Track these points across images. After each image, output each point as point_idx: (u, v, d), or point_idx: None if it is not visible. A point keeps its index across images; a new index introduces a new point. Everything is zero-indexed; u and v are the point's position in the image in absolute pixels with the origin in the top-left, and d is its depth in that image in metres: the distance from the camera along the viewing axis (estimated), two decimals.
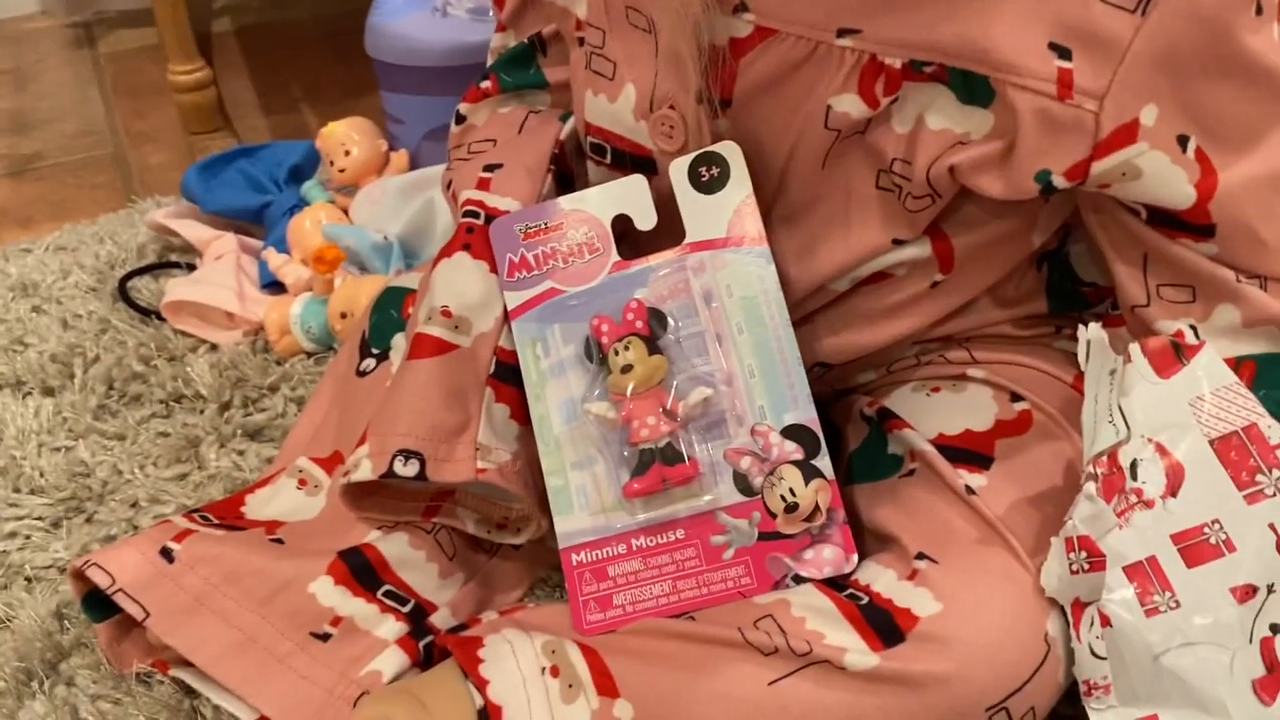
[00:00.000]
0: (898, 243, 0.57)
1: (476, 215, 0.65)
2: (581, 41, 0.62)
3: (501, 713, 0.51)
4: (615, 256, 0.57)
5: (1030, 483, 0.56)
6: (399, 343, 0.68)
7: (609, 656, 0.52)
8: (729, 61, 0.55)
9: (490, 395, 0.60)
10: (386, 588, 0.60)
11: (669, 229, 0.59)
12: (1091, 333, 0.53)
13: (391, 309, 0.70)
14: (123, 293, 0.92)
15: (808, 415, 0.54)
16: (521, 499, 0.59)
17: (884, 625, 0.52)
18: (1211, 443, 0.51)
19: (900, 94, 0.53)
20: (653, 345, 0.55)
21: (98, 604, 0.61)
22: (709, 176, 0.55)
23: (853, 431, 0.65)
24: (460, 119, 0.72)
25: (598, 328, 0.55)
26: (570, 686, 0.52)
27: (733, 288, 0.55)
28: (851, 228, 0.57)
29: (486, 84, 0.71)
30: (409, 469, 0.57)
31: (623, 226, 0.59)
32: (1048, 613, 0.52)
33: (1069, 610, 0.51)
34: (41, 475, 0.76)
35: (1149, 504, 0.50)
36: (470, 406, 0.60)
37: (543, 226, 0.57)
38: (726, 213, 0.56)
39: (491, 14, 0.89)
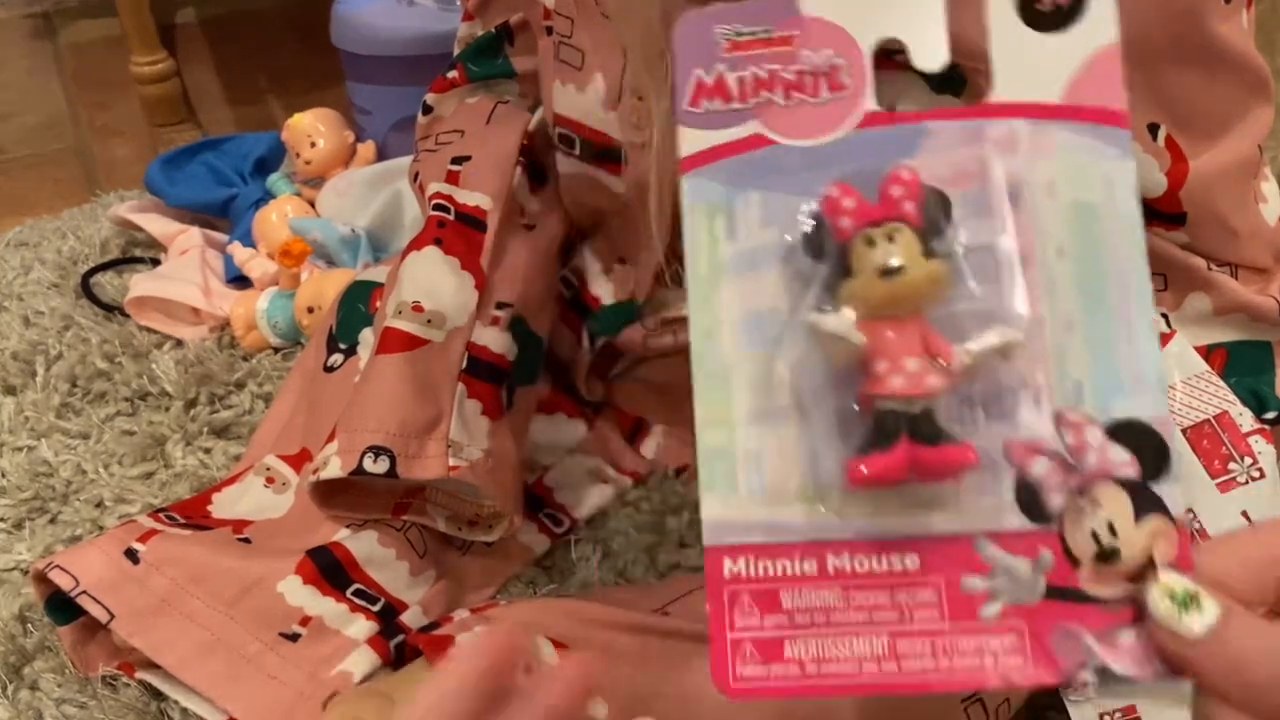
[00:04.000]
0: None
1: (446, 210, 0.64)
2: (550, 31, 0.62)
3: None
4: (872, 103, 0.33)
5: None
6: (367, 337, 0.68)
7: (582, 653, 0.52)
8: None
9: (462, 391, 0.60)
10: (356, 586, 0.59)
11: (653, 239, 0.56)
12: None
13: (359, 303, 0.70)
14: (86, 289, 0.91)
15: (1155, 408, 0.31)
16: (493, 496, 0.58)
17: None
18: (1184, 432, 0.51)
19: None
20: (929, 242, 0.31)
21: (62, 606, 0.60)
22: (1055, 5, 0.34)
23: None
24: (427, 109, 0.71)
25: (835, 202, 0.32)
26: None
27: (1060, 185, 0.33)
28: None
29: (454, 74, 0.71)
30: (379, 466, 0.56)
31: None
32: None
33: None
34: (3, 475, 0.75)
35: None
36: (441, 402, 0.59)
37: (764, 35, 0.35)
38: (1072, 63, 0.33)
39: (458, 3, 0.88)
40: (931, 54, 0.33)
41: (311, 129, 0.96)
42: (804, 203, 0.33)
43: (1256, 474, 0.51)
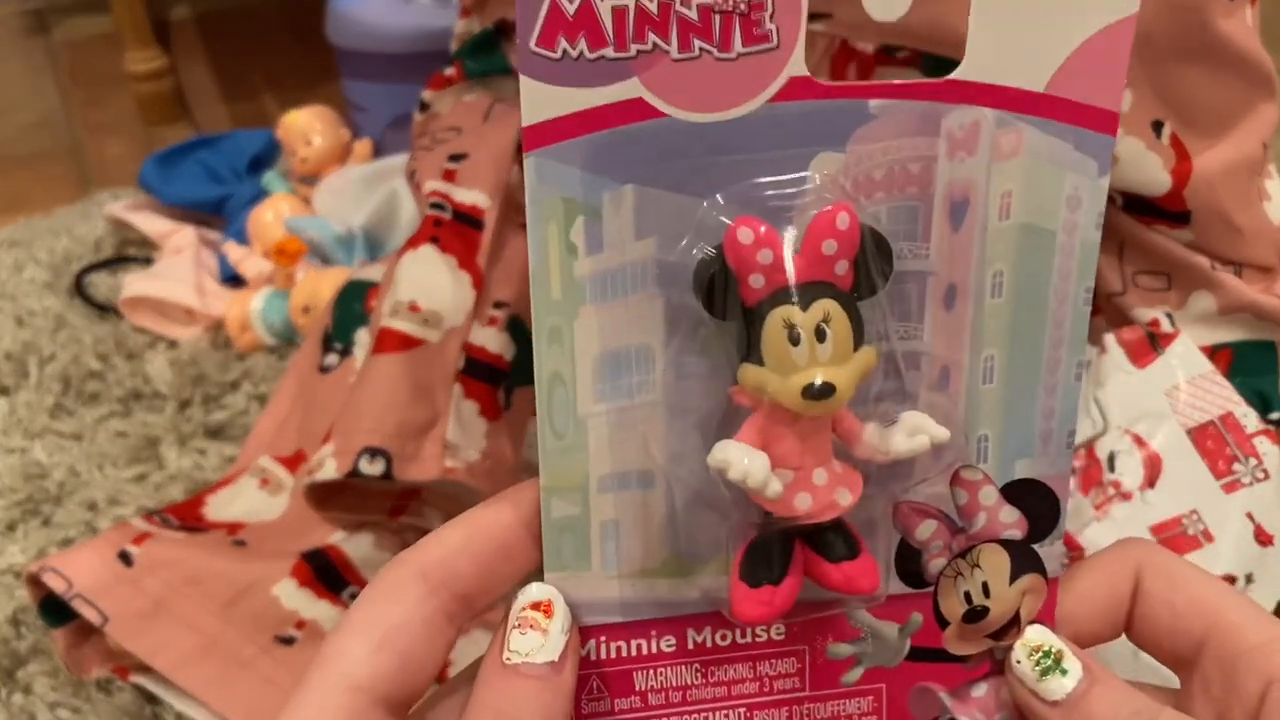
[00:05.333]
0: None
1: (442, 208, 0.64)
2: None
3: None
4: (801, 65, 0.24)
5: None
6: (363, 338, 0.67)
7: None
8: None
9: (459, 391, 0.59)
10: (352, 589, 0.59)
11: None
12: None
13: (355, 303, 0.69)
14: (79, 288, 0.90)
15: (1056, 465, 0.27)
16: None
17: None
18: (1188, 432, 0.51)
19: (873, 79, 0.52)
20: (858, 317, 0.24)
21: (55, 609, 0.59)
22: None
23: None
24: (424, 107, 0.71)
25: (745, 253, 0.23)
26: None
27: (1016, 202, 0.25)
28: None
29: (450, 70, 0.70)
30: (375, 467, 0.56)
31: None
32: None
33: None
34: None
35: (1127, 496, 0.49)
36: (438, 403, 0.59)
37: None
38: (1072, 39, 0.24)
39: None
40: (889, 2, 0.25)
41: (307, 126, 0.95)
42: (688, 210, 0.24)
43: (1261, 475, 0.50)
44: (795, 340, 0.23)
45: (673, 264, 0.24)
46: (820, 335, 0.23)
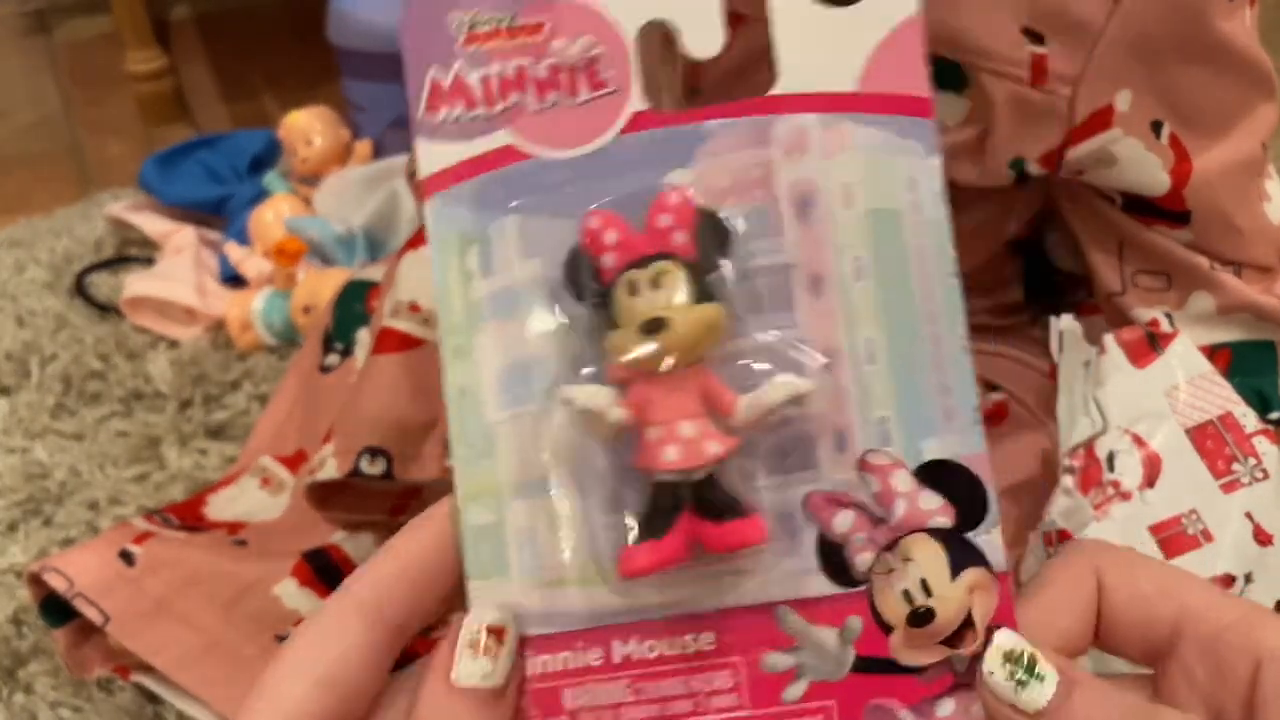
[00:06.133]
0: None
1: None
2: None
3: None
4: (638, 102, 0.28)
5: (1006, 474, 0.55)
6: (363, 338, 0.67)
7: None
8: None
9: None
10: None
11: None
12: (1064, 324, 0.53)
13: (355, 303, 0.69)
14: (80, 288, 0.90)
15: (969, 445, 0.27)
16: None
17: None
18: (1188, 432, 0.51)
19: None
20: (702, 280, 0.27)
21: (56, 609, 0.59)
22: None
23: None
24: None
25: (595, 235, 0.27)
26: None
27: (856, 190, 0.28)
28: None
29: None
30: (375, 467, 0.56)
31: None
32: None
33: None
34: None
35: (1126, 496, 0.49)
36: (438, 403, 0.59)
37: (507, 24, 0.29)
38: (868, 42, 0.28)
39: None
40: (707, 39, 0.28)
41: (308, 126, 0.95)
42: (562, 230, 0.27)
43: (1260, 475, 0.50)
44: (634, 292, 0.26)
45: (557, 278, 0.27)
46: (656, 284, 0.26)
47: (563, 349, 0.27)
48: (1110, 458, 0.50)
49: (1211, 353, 0.53)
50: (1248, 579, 0.49)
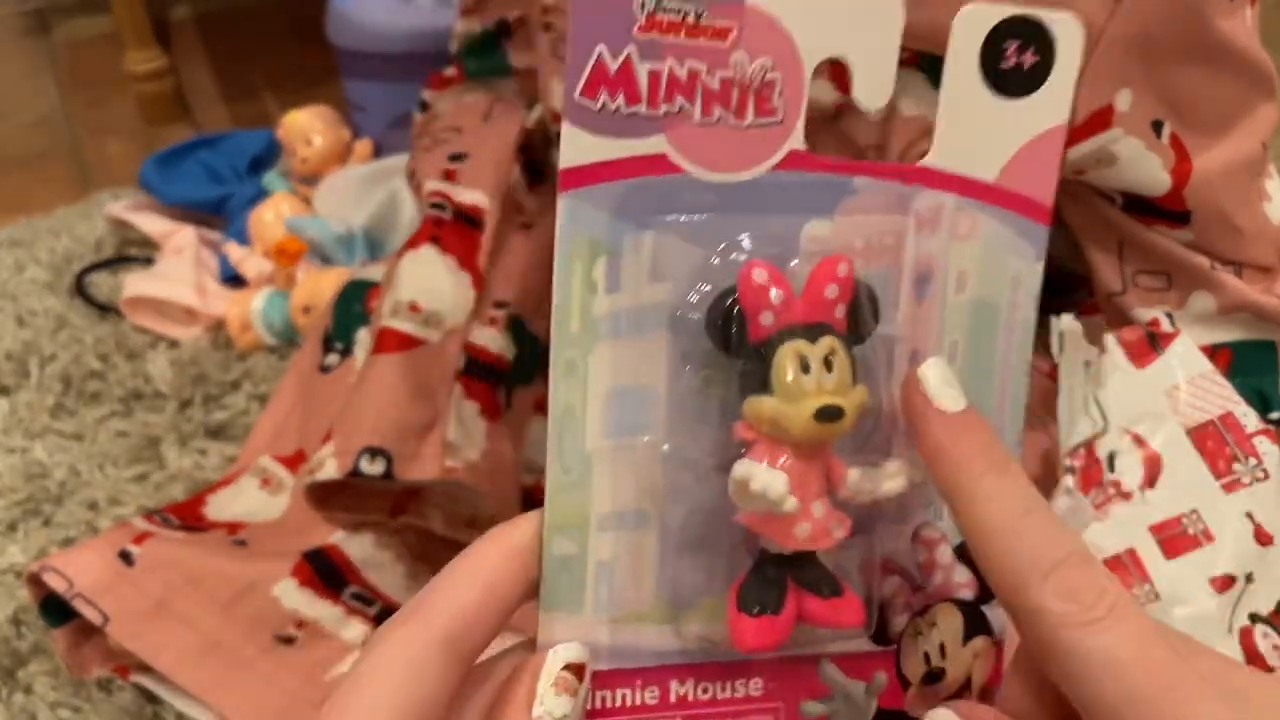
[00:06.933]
0: None
1: (443, 208, 0.64)
2: (548, 27, 0.61)
3: None
4: (797, 140, 0.27)
5: None
6: (363, 337, 0.67)
7: None
8: None
9: (459, 391, 0.59)
10: (353, 589, 0.59)
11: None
12: (1065, 324, 0.53)
13: (355, 303, 0.69)
14: (80, 288, 0.90)
15: None
16: (491, 498, 0.58)
17: None
18: (1188, 432, 0.50)
19: None
20: (851, 351, 0.26)
21: (56, 609, 0.59)
22: (1017, 64, 0.29)
23: None
24: (424, 106, 0.71)
25: (758, 291, 0.26)
26: None
27: (970, 278, 0.29)
28: None
29: (450, 71, 0.70)
30: (375, 467, 0.56)
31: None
32: None
33: None
34: None
35: (1127, 496, 0.49)
36: (438, 403, 0.59)
37: (694, 17, 0.26)
38: (1017, 140, 0.28)
39: None
40: (876, 91, 0.28)
41: (308, 126, 0.95)
42: (706, 255, 0.26)
43: (1261, 475, 0.50)
44: (805, 369, 0.25)
45: (682, 310, 0.26)
46: (828, 365, 0.25)
47: (675, 385, 0.26)
48: (1111, 457, 0.50)
49: (1212, 352, 0.53)
50: (1248, 579, 0.49)
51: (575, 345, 0.26)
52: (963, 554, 0.28)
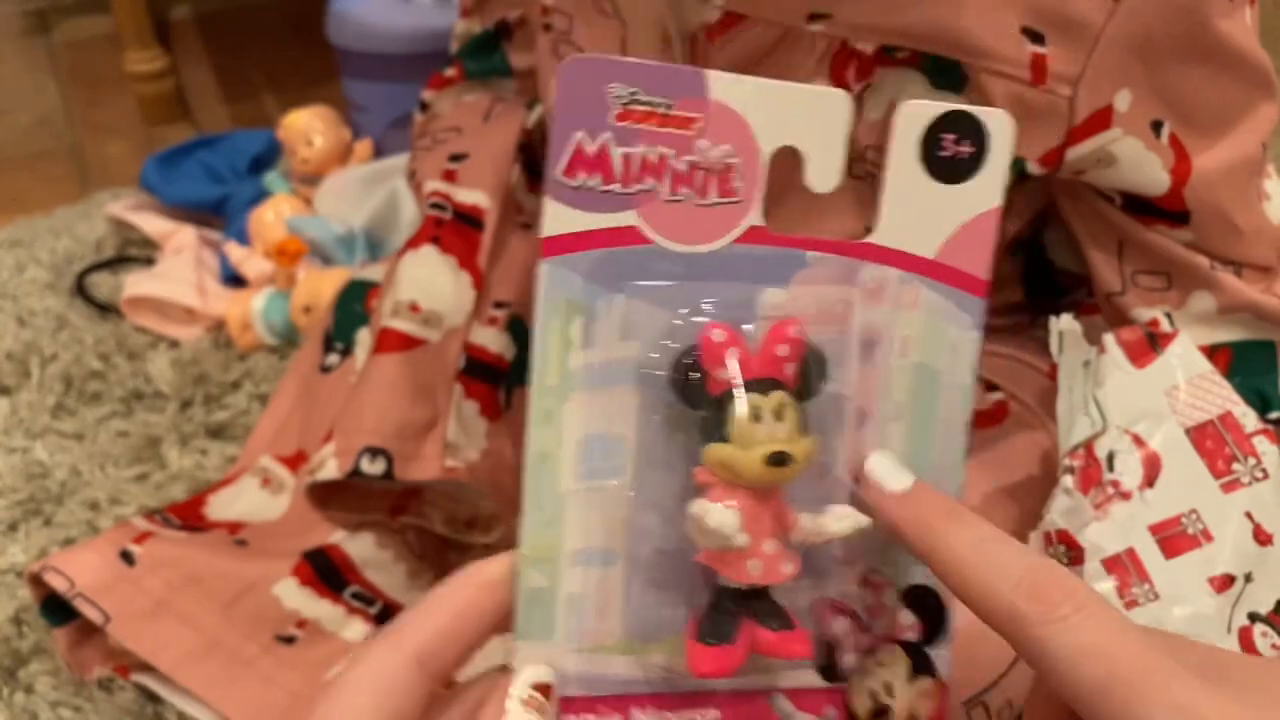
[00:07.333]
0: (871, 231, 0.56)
1: (443, 208, 0.64)
2: (548, 28, 0.61)
3: None
4: (756, 217, 0.31)
5: (1006, 473, 0.55)
6: (363, 337, 0.67)
7: None
8: (699, 49, 0.54)
9: (460, 391, 0.59)
10: (353, 589, 0.59)
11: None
12: (1064, 324, 0.53)
13: (355, 303, 0.69)
14: (80, 288, 0.90)
15: None
16: (491, 498, 0.58)
17: None
18: (1187, 432, 0.51)
19: (872, 80, 0.52)
20: (800, 405, 0.30)
21: (57, 609, 0.59)
22: (954, 154, 0.32)
23: None
24: (424, 107, 0.71)
25: (716, 349, 0.29)
26: None
27: (911, 344, 0.32)
28: (825, 217, 0.56)
29: (451, 71, 0.70)
30: (376, 467, 0.56)
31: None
32: None
33: None
34: None
35: (1126, 495, 0.49)
36: (438, 403, 0.59)
37: (663, 108, 0.30)
38: (953, 221, 0.32)
39: None
40: (825, 176, 0.31)
41: (308, 126, 0.95)
42: (669, 317, 0.30)
43: (1260, 474, 0.50)
44: (758, 418, 0.29)
45: (649, 366, 0.30)
46: (779, 416, 0.29)
47: (642, 434, 0.30)
48: (1110, 457, 0.50)
49: (1211, 352, 0.53)
50: (1248, 578, 0.49)
51: (552, 395, 0.29)
52: (908, 599, 0.32)
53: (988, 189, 0.32)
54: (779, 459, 0.28)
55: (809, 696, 0.31)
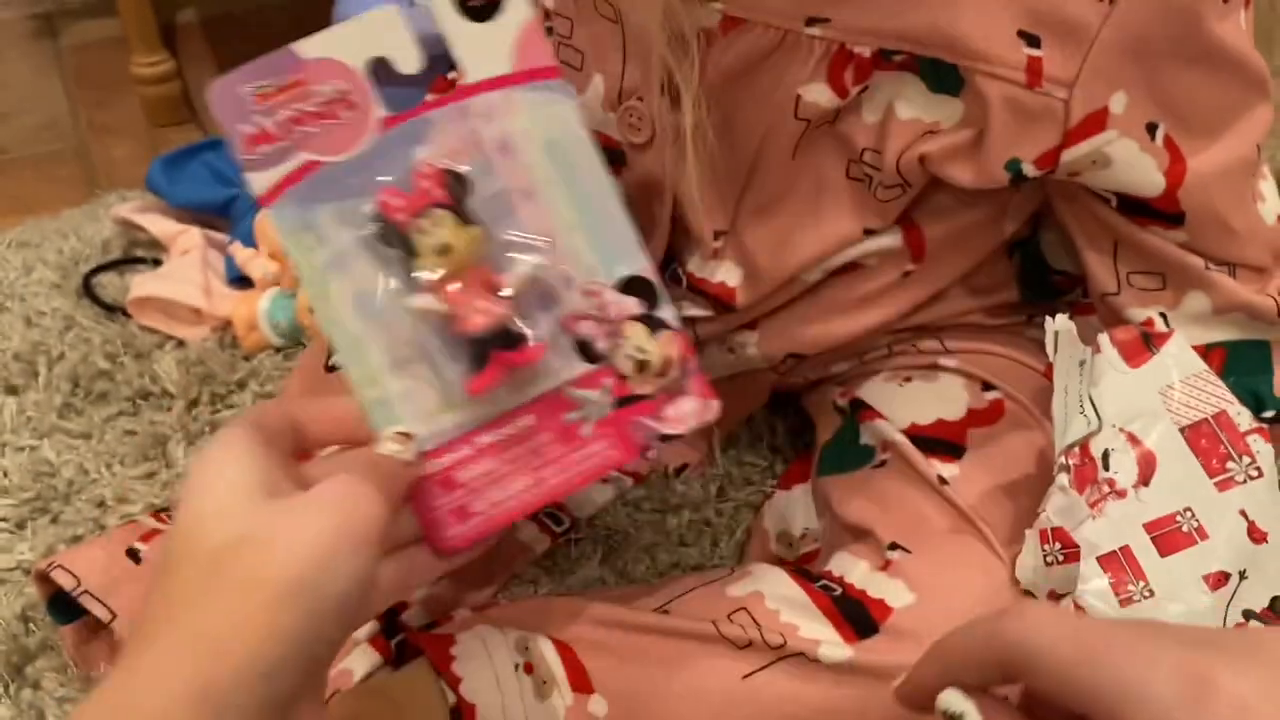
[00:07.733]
0: (869, 233, 0.57)
1: None
2: (549, 31, 0.62)
3: (475, 711, 0.51)
4: (381, 111, 0.43)
5: (1002, 472, 0.56)
6: None
7: (582, 652, 0.52)
8: (698, 52, 0.55)
9: None
10: None
11: (647, 214, 0.58)
12: (1059, 324, 0.53)
13: None
14: (87, 289, 0.91)
15: (641, 264, 0.46)
16: None
17: (857, 617, 0.51)
18: (1182, 431, 0.51)
19: (870, 83, 0.53)
20: (461, 214, 0.43)
21: (64, 606, 0.60)
22: (478, 0, 0.44)
23: (826, 422, 0.65)
24: None
25: (387, 204, 0.43)
26: (544, 683, 0.51)
27: (533, 133, 0.44)
28: (823, 218, 0.57)
29: (453, 74, 0.71)
30: None
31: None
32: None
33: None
34: (5, 475, 0.75)
35: (1121, 494, 0.50)
36: None
37: (275, 87, 0.43)
38: (508, 41, 0.44)
39: None
40: (410, 60, 0.43)
41: None
42: (363, 203, 0.43)
43: (1255, 473, 0.51)
44: (423, 231, 0.42)
45: (363, 236, 0.43)
46: (437, 224, 0.42)
47: (383, 277, 0.43)
48: (1105, 456, 0.50)
49: (1206, 352, 0.54)
50: (1242, 576, 0.50)
51: (317, 283, 0.43)
52: (623, 288, 0.45)
53: (516, 9, 0.43)
54: (440, 249, 0.42)
55: (589, 379, 0.45)
